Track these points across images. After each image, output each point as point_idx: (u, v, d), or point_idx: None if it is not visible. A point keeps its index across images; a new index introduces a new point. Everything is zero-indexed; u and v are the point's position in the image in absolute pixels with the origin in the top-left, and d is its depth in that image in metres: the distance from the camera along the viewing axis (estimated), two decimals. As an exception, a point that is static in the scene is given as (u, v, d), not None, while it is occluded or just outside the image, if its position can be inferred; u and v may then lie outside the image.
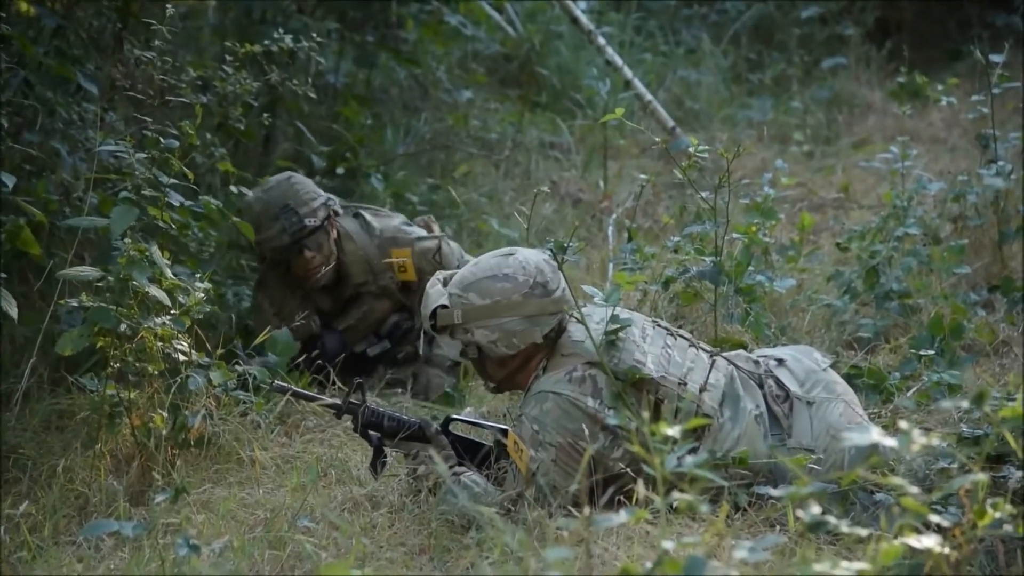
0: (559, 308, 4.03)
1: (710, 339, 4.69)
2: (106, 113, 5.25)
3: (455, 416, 4.24)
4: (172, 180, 4.61)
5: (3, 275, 4.56)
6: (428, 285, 4.11)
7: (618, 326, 4.00)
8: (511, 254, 4.10)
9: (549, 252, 4.25)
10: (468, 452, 4.17)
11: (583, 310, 4.02)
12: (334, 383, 5.03)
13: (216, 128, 5.52)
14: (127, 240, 4.35)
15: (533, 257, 4.08)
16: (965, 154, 7.29)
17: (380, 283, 5.52)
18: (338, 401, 4.18)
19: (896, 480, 2.99)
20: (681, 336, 4.14)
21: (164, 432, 4.36)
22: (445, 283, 4.11)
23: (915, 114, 7.79)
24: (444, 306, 4.03)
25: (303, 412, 4.87)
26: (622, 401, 3.91)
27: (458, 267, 4.65)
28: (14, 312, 4.48)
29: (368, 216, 5.56)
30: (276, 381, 4.36)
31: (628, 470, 3.87)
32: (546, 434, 3.91)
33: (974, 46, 5.87)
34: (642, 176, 5.88)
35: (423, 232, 5.56)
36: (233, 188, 5.29)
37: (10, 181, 4.59)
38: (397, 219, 5.60)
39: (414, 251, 5.47)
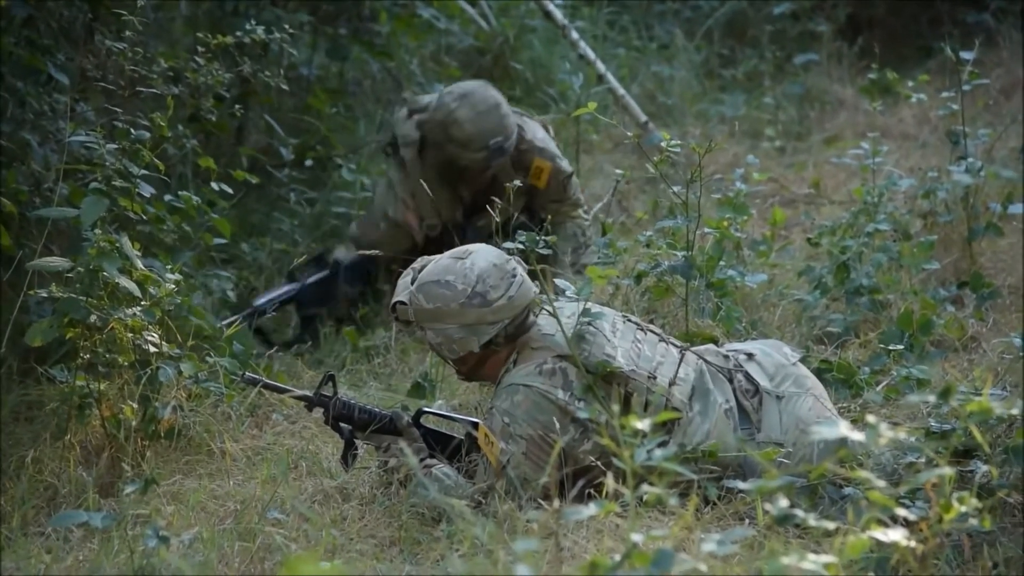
0: (500, 317, 4.01)
1: (681, 333, 4.70)
2: (77, 104, 5.22)
3: (426, 409, 4.24)
4: (143, 171, 4.60)
5: (-28, 265, 4.55)
6: (403, 274, 4.12)
7: (588, 319, 4.01)
8: (462, 257, 4.07)
9: (521, 245, 4.25)
10: (439, 445, 4.18)
11: (555, 303, 4.03)
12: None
13: (188, 120, 5.50)
14: (97, 231, 4.34)
15: (482, 262, 4.05)
16: (935, 150, 7.31)
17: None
18: (309, 393, 4.18)
19: (864, 474, 3.01)
20: (651, 331, 4.16)
21: (134, 423, 4.35)
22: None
23: (886, 110, 7.82)
24: (403, 302, 4.05)
25: (273, 404, 4.86)
26: (592, 394, 3.92)
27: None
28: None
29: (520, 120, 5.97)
30: (247, 373, 4.36)
31: (598, 463, 3.88)
32: (517, 426, 3.92)
33: (945, 43, 5.90)
34: (618, 171, 5.89)
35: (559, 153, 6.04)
36: (214, 185, 5.27)
37: (-20, 172, 4.57)
38: (540, 131, 6.00)
39: (554, 166, 5.94)
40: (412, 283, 4.06)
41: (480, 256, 4.06)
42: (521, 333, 4.07)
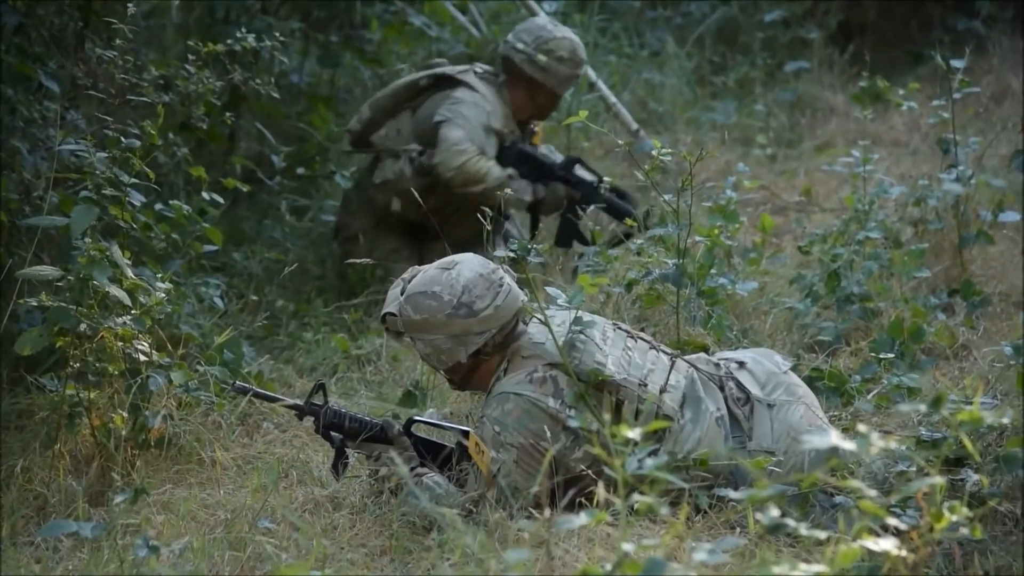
0: (486, 327, 4.02)
1: (672, 341, 4.70)
2: (67, 111, 5.22)
3: (417, 417, 4.24)
4: (133, 180, 4.59)
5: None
6: (392, 285, 4.13)
7: (579, 327, 4.01)
8: (448, 268, 4.07)
9: (512, 253, 4.25)
10: (430, 453, 4.17)
11: (545, 312, 4.02)
12: None
13: (179, 128, 5.49)
14: (87, 239, 4.33)
15: (468, 272, 4.05)
16: (926, 158, 7.32)
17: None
18: (299, 402, 4.18)
19: (855, 483, 3.01)
20: (641, 338, 4.16)
21: (124, 432, 4.34)
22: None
23: (877, 118, 7.82)
24: (392, 313, 4.05)
25: (264, 413, 4.86)
26: (584, 402, 3.91)
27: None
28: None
29: None
30: (237, 382, 4.35)
31: (589, 472, 3.87)
32: (507, 435, 3.92)
33: (935, 50, 5.90)
34: (606, 178, 5.89)
35: None
36: (204, 195, 5.27)
37: (-31, 180, 4.57)
38: None
39: (542, 134, 6.58)
40: (402, 294, 4.06)
41: (466, 266, 4.06)
42: (511, 342, 4.07)
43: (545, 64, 6.30)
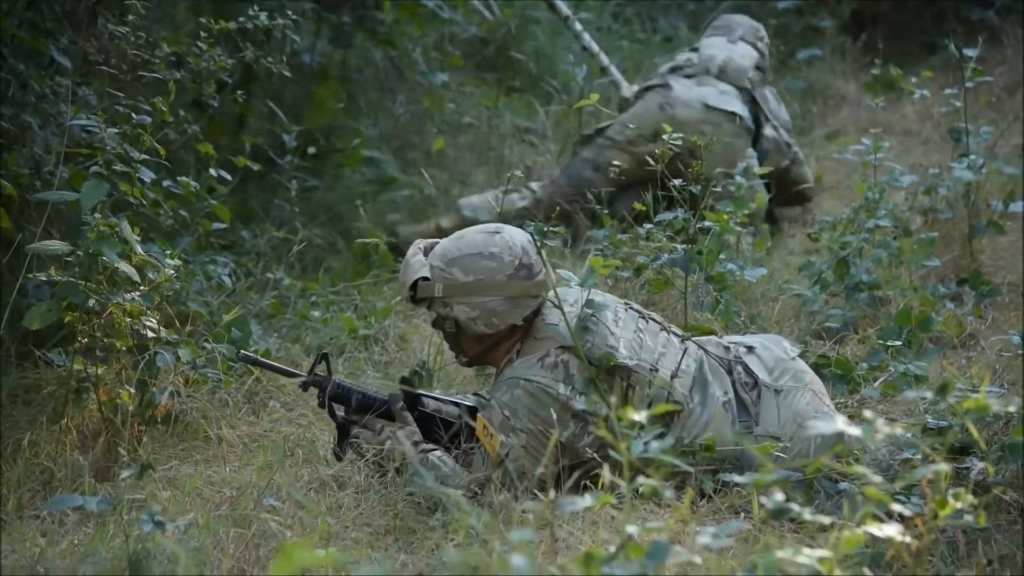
0: (540, 291, 4.02)
1: (680, 326, 4.70)
2: (79, 87, 5.21)
3: (422, 392, 4.22)
4: (143, 156, 4.59)
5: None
6: (409, 253, 4.09)
7: (591, 310, 4.00)
8: (497, 232, 4.05)
9: (529, 235, 4.24)
10: (438, 428, 4.15)
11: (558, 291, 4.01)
12: None
13: (190, 105, 5.49)
14: (97, 215, 4.33)
15: (519, 237, 4.05)
16: (937, 147, 7.32)
17: None
18: (303, 374, 4.17)
19: (860, 469, 3.01)
20: (652, 319, 4.14)
21: (131, 408, 4.35)
22: (426, 252, 4.08)
23: (889, 106, 7.81)
24: (426, 278, 4.02)
25: (271, 391, 4.86)
26: (595, 387, 3.91)
27: None
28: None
29: None
30: (242, 351, 4.35)
31: (595, 456, 3.87)
32: (517, 420, 3.91)
33: (949, 40, 5.89)
34: (615, 163, 5.88)
35: None
36: (212, 171, 5.27)
37: (-19, 154, 4.57)
38: None
39: None
40: (428, 259, 4.01)
41: (513, 231, 4.07)
42: (536, 316, 4.05)
43: (763, 49, 7.02)
